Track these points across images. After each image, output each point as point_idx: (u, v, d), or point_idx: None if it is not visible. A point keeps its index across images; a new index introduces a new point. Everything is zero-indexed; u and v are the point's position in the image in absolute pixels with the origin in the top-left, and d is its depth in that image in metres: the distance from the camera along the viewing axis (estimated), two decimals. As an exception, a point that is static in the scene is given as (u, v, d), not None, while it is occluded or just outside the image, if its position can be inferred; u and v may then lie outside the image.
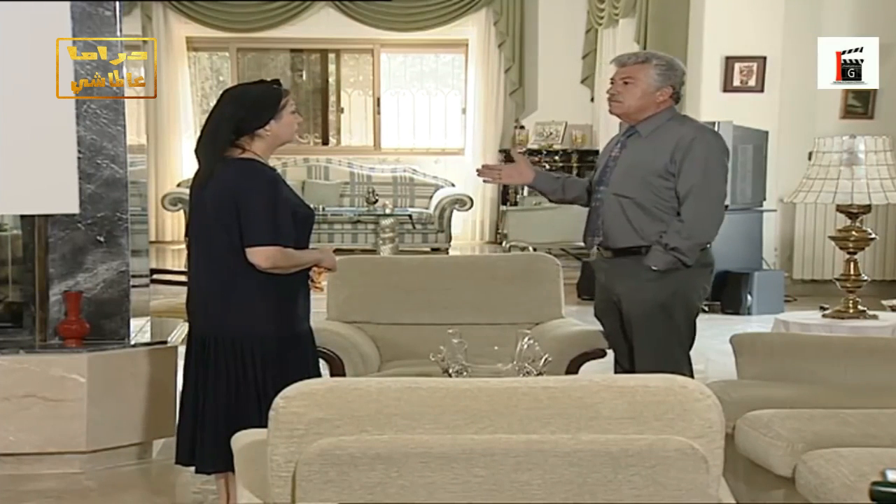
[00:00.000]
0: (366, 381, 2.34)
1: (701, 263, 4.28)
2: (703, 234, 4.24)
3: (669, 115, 4.32)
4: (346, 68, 14.53)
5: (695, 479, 2.15)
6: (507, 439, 2.16)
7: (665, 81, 4.31)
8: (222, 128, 3.68)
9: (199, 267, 3.78)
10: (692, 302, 4.31)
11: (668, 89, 4.31)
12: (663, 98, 4.31)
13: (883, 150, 5.61)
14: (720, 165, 4.26)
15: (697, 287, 4.31)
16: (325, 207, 12.86)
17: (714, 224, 4.26)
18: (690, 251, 4.22)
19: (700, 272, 4.30)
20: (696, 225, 4.22)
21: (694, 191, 4.20)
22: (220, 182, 3.63)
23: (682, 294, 4.27)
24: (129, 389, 4.78)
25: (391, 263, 5.14)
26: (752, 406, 3.73)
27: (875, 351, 4.40)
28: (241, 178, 3.61)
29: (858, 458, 3.07)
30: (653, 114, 4.31)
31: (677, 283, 4.25)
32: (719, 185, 4.26)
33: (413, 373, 4.11)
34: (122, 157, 4.87)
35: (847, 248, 5.85)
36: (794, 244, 10.05)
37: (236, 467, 2.60)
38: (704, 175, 4.20)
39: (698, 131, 4.29)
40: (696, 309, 4.35)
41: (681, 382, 2.27)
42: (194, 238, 3.80)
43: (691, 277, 4.26)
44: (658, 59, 4.37)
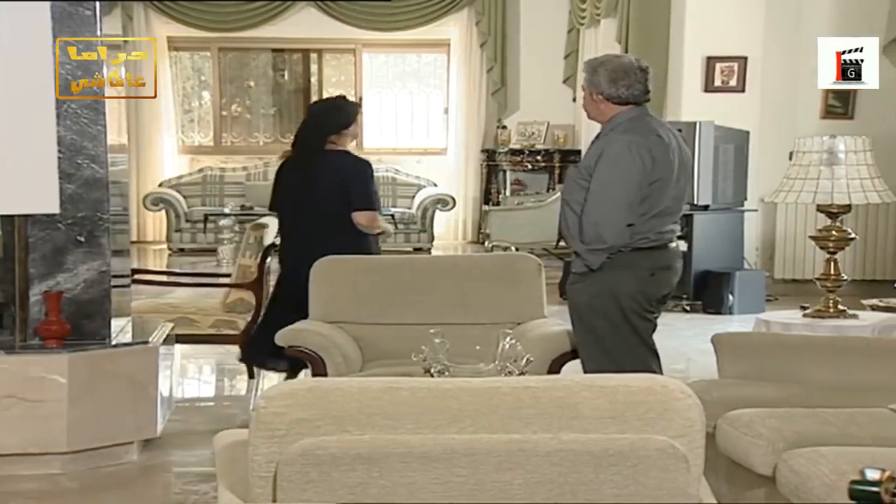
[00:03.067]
0: (347, 381, 2.34)
1: (621, 265, 4.24)
2: (596, 238, 4.21)
3: (622, 119, 4.29)
4: (329, 68, 14.52)
5: (675, 478, 2.16)
6: (488, 439, 2.16)
7: (592, 88, 4.34)
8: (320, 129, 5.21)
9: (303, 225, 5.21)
10: (623, 302, 4.26)
11: (598, 95, 4.32)
12: (603, 104, 4.32)
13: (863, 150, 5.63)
14: (624, 172, 4.19)
15: (624, 288, 4.25)
16: (307, 207, 12.85)
17: (609, 229, 4.19)
18: (588, 254, 4.24)
19: (624, 273, 4.25)
20: (589, 229, 4.23)
21: (590, 196, 4.22)
22: (332, 167, 5.16)
23: (609, 295, 4.26)
24: (109, 390, 4.76)
25: (373, 263, 5.12)
26: (734, 405, 3.74)
27: (855, 350, 4.42)
28: (351, 164, 5.23)
29: (838, 457, 3.09)
30: (608, 119, 4.34)
31: (601, 284, 4.26)
32: (618, 191, 4.20)
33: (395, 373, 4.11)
34: (103, 157, 4.85)
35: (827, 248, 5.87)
36: (775, 244, 10.09)
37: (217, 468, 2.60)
38: (603, 181, 4.20)
39: (619, 137, 4.26)
40: (631, 309, 4.28)
41: (662, 382, 2.28)
42: (295, 206, 5.23)
43: (615, 278, 4.24)
44: (587, 65, 4.44)
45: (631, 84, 4.29)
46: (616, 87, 4.28)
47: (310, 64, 14.48)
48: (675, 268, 4.41)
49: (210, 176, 13.54)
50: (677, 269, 4.43)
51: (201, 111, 14.51)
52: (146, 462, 4.86)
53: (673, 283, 4.42)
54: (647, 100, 4.36)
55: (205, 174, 13.57)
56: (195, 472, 4.70)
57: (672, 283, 4.42)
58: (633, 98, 4.30)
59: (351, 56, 14.20)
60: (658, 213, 4.26)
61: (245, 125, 14.59)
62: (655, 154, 4.22)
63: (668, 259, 4.36)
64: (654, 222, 4.26)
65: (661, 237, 4.30)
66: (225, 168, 13.76)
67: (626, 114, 4.30)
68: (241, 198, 13.15)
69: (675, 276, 4.43)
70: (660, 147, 4.25)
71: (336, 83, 14.48)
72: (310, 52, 14.39)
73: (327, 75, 14.49)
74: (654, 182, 4.22)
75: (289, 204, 5.33)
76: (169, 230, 12.96)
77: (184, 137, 14.30)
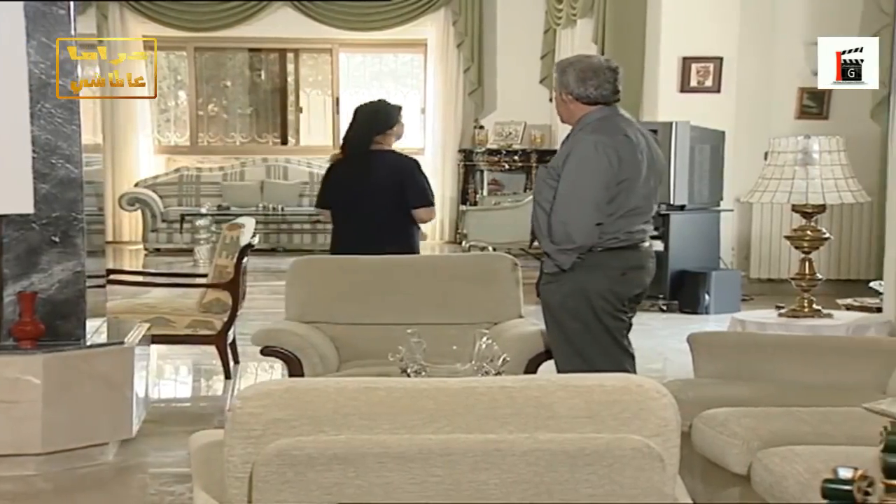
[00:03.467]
0: (323, 382, 2.33)
1: (591, 265, 4.25)
2: (565, 238, 4.22)
3: (591, 119, 4.30)
4: (305, 68, 14.49)
5: (651, 477, 2.16)
6: (464, 439, 2.16)
7: (562, 88, 4.36)
8: (367, 130, 5.49)
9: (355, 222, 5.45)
10: (594, 302, 4.27)
11: (567, 96, 4.34)
12: (573, 104, 4.34)
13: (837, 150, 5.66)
14: (592, 172, 4.19)
15: (595, 287, 4.26)
16: (284, 207, 12.83)
17: (578, 229, 4.20)
18: (558, 254, 4.25)
19: (594, 273, 4.26)
20: (558, 228, 4.24)
21: (558, 196, 4.23)
22: (381, 165, 5.43)
23: (580, 295, 4.26)
24: (85, 390, 4.74)
25: (350, 263, 5.11)
26: (709, 404, 3.76)
27: (829, 349, 4.45)
28: (400, 162, 5.53)
29: (813, 456, 3.11)
30: (577, 119, 4.35)
31: (573, 284, 4.27)
32: (585, 191, 4.20)
33: (371, 373, 4.11)
34: (78, 157, 4.82)
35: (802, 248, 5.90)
36: (750, 244, 10.13)
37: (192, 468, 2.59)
38: (571, 181, 4.21)
39: (587, 137, 4.27)
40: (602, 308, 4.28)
41: (637, 381, 2.29)
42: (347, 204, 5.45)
43: (585, 278, 4.25)
44: (558, 66, 4.47)
45: (600, 84, 4.29)
46: (585, 87, 4.29)
47: (286, 64, 14.45)
48: (648, 268, 4.41)
49: (186, 176, 13.50)
50: (650, 269, 4.43)
51: (177, 111, 14.46)
52: (121, 463, 4.84)
53: (645, 282, 4.42)
54: (616, 100, 4.36)
55: (181, 174, 13.53)
56: (171, 472, 4.68)
57: (644, 282, 4.41)
58: (603, 98, 4.31)
59: (328, 56, 14.18)
60: (626, 212, 4.25)
61: (222, 125, 14.55)
62: (622, 154, 4.22)
63: (640, 259, 4.36)
64: (623, 222, 4.26)
65: (631, 237, 4.30)
66: (201, 168, 13.73)
67: (595, 114, 4.30)
68: (217, 198, 13.12)
69: (648, 275, 4.42)
70: (627, 147, 4.24)
71: (313, 83, 14.46)
72: (286, 52, 14.37)
73: (304, 75, 14.46)
74: (622, 182, 4.22)
75: (341, 202, 5.54)
76: (145, 230, 12.91)
77: (160, 137, 14.25)
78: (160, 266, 11.43)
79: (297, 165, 13.65)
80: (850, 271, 10.06)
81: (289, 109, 14.48)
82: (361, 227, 5.43)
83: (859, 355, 4.35)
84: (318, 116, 14.42)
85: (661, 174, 4.49)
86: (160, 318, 6.26)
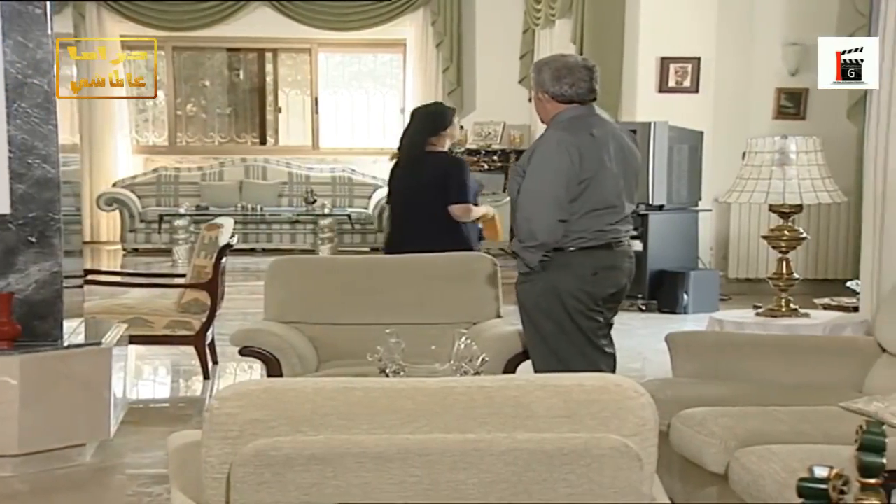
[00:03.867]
0: (301, 382, 2.33)
1: (562, 264, 4.26)
2: (529, 235, 4.23)
3: (564, 117, 4.32)
4: (284, 68, 14.47)
5: (629, 477, 2.17)
6: (442, 439, 2.16)
7: (538, 87, 4.38)
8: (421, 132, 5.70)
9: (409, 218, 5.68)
10: (566, 301, 4.27)
11: (543, 94, 4.36)
12: (549, 103, 4.36)
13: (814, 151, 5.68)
14: (551, 171, 4.20)
15: (566, 287, 4.26)
16: (263, 207, 12.80)
17: (540, 226, 4.21)
18: (524, 252, 4.27)
19: (565, 273, 4.26)
20: (522, 225, 4.26)
21: (522, 193, 4.26)
22: (433, 165, 5.61)
23: (553, 294, 4.27)
24: (62, 391, 4.72)
25: (329, 263, 5.13)
26: (687, 404, 3.77)
27: (806, 349, 4.47)
28: (448, 162, 5.74)
29: (789, 455, 3.12)
30: (551, 118, 4.37)
31: (545, 284, 4.27)
32: (545, 188, 4.21)
33: (350, 373, 4.11)
34: (55, 157, 4.80)
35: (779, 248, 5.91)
36: (729, 243, 10.17)
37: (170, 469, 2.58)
38: (533, 178, 4.23)
39: (552, 134, 4.31)
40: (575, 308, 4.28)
41: (615, 381, 2.29)
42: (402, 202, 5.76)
43: (557, 277, 4.26)
44: (534, 66, 4.51)
45: (575, 82, 4.30)
46: (560, 85, 4.30)
47: (265, 63, 14.42)
48: (622, 267, 4.38)
49: (165, 176, 13.45)
50: (624, 269, 4.39)
51: (156, 111, 14.41)
52: (99, 464, 4.82)
53: (620, 282, 4.39)
54: (592, 98, 4.37)
55: (159, 174, 13.48)
56: (149, 473, 4.67)
57: (618, 282, 4.39)
58: (578, 96, 4.32)
59: (306, 56, 14.16)
60: (591, 210, 4.25)
61: (200, 125, 14.51)
62: (584, 152, 4.22)
63: (613, 259, 4.34)
64: (588, 220, 4.25)
65: (601, 236, 4.28)
66: (180, 168, 13.68)
67: (569, 112, 4.32)
68: (196, 198, 13.07)
69: (622, 275, 4.39)
70: (590, 145, 4.24)
71: (292, 83, 14.43)
72: (265, 52, 14.34)
73: (283, 75, 14.44)
74: (584, 180, 4.21)
75: (397, 200, 5.85)
76: (123, 230, 12.86)
77: (138, 137, 14.20)
78: (138, 266, 11.39)
79: (275, 165, 13.63)
80: (828, 271, 10.12)
81: (267, 109, 14.45)
82: (414, 225, 5.62)
83: (836, 355, 4.37)
84: (297, 116, 14.39)
85: (635, 174, 4.48)
86: (138, 318, 6.24)
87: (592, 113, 4.38)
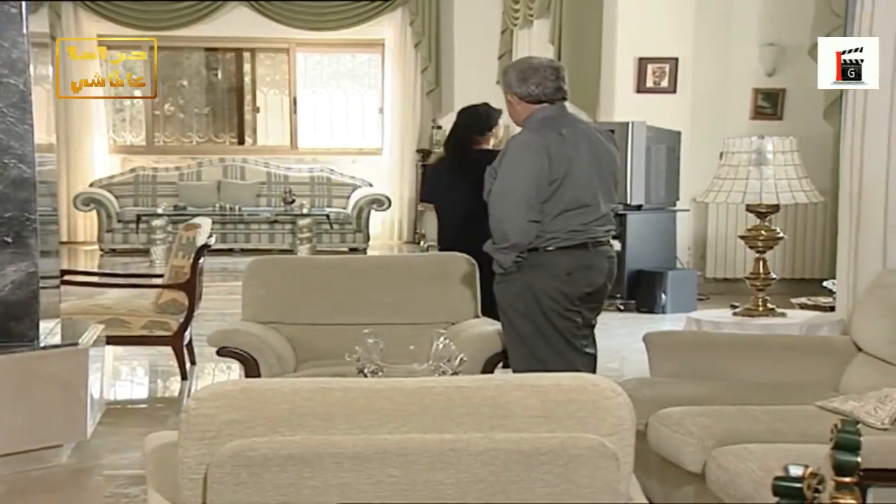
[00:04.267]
0: (278, 382, 2.33)
1: (537, 264, 4.28)
2: (500, 237, 4.27)
3: (535, 118, 4.36)
4: (262, 67, 14.43)
5: (606, 476, 2.17)
6: (420, 439, 2.16)
7: (506, 89, 4.46)
8: (468, 131, 5.87)
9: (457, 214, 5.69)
10: (542, 301, 4.29)
11: (512, 96, 4.41)
12: (520, 105, 4.41)
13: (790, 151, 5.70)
14: (521, 172, 4.23)
15: (541, 287, 4.28)
16: (241, 207, 12.77)
17: (511, 227, 4.23)
18: (496, 253, 4.30)
19: (540, 273, 4.28)
20: (495, 226, 4.28)
21: (493, 194, 4.30)
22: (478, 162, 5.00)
23: (529, 294, 4.29)
24: (38, 392, 4.69)
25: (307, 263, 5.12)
26: (665, 403, 3.78)
27: (783, 348, 4.49)
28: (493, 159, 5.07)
29: (766, 454, 3.13)
30: (523, 120, 4.42)
31: (521, 284, 4.30)
32: (515, 188, 4.23)
33: (328, 373, 4.10)
34: (31, 157, 4.77)
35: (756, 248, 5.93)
36: (706, 243, 10.20)
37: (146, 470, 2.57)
38: (503, 179, 4.26)
39: (521, 136, 4.36)
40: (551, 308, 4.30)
41: (592, 381, 2.30)
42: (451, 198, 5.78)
43: (532, 278, 4.28)
44: (503, 69, 4.71)
45: (540, 81, 4.32)
46: (526, 86, 4.33)
47: (243, 63, 14.39)
48: (598, 267, 4.38)
49: (142, 176, 13.40)
50: (602, 269, 4.39)
51: (133, 110, 14.35)
52: (76, 465, 4.80)
53: (596, 282, 4.38)
54: (560, 98, 4.39)
55: (137, 174, 13.42)
56: (126, 474, 4.65)
57: (594, 282, 4.38)
58: (546, 96, 4.34)
59: (284, 55, 14.13)
60: (563, 211, 4.26)
61: (178, 125, 14.46)
62: (553, 152, 4.24)
63: (588, 259, 4.34)
64: (562, 221, 4.26)
65: (575, 236, 4.29)
66: (158, 168, 13.62)
67: (540, 113, 4.35)
68: (174, 198, 13.03)
69: (599, 275, 4.39)
70: (559, 146, 4.26)
71: (270, 83, 14.40)
72: (243, 52, 14.30)
73: (261, 75, 14.40)
74: (555, 181, 4.24)
75: (443, 199, 5.99)
76: (100, 231, 12.80)
77: (115, 137, 14.13)
78: (116, 267, 11.34)
79: (254, 165, 13.59)
80: (804, 270, 10.16)
81: (246, 109, 14.41)
82: (461, 223, 5.65)
83: (812, 354, 4.39)
84: (276, 116, 14.36)
85: (611, 174, 4.48)
86: (115, 318, 6.21)
87: (564, 113, 4.41)
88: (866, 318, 4.24)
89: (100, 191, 12.97)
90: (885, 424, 3.52)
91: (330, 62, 14.50)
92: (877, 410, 3.57)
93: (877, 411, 3.57)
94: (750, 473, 3.10)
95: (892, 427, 3.52)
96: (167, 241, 11.66)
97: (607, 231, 4.44)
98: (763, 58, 10.26)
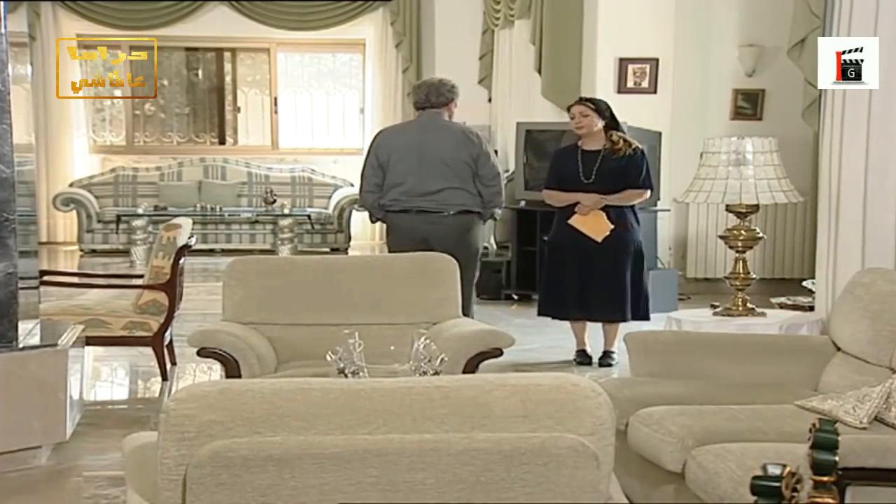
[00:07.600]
0: (258, 383, 2.32)
1: (388, 221, 6.53)
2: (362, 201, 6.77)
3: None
4: (243, 67, 14.40)
5: (586, 476, 2.18)
6: (400, 439, 2.16)
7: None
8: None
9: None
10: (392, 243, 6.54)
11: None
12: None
13: (770, 151, 5.73)
14: (370, 156, 6.44)
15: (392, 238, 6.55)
16: (222, 208, 12.74)
17: (362, 195, 6.60)
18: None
19: (391, 231, 6.62)
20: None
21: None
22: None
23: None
24: (17, 393, 4.67)
25: (288, 263, 5.10)
26: (645, 403, 3.79)
27: (762, 347, 4.51)
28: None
29: (745, 453, 3.15)
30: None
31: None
32: (366, 170, 6.45)
33: (309, 374, 4.09)
34: (9, 157, 4.74)
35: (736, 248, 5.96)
36: (687, 243, 10.23)
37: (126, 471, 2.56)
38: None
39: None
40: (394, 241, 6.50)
41: (572, 381, 2.30)
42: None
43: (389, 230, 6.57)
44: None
45: (418, 94, 6.34)
46: (415, 95, 6.39)
47: (224, 63, 14.35)
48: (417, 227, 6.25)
49: (122, 176, 13.35)
50: (420, 229, 6.23)
51: (113, 110, 14.30)
52: (55, 466, 4.78)
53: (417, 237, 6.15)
54: (428, 105, 6.23)
55: (117, 174, 13.37)
56: (105, 475, 4.63)
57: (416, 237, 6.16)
58: (418, 104, 6.32)
59: (265, 55, 14.11)
60: (391, 187, 6.24)
61: (158, 124, 14.41)
62: (386, 142, 6.30)
63: (409, 220, 6.27)
64: (392, 193, 6.25)
65: (397, 203, 6.24)
66: (138, 168, 13.57)
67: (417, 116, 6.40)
68: (154, 198, 12.99)
69: (418, 233, 6.21)
70: (393, 139, 6.36)
71: (251, 82, 14.37)
72: (223, 52, 14.27)
73: (242, 74, 14.37)
74: (381, 165, 6.24)
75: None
76: (80, 231, 12.75)
77: (95, 137, 14.07)
78: (96, 267, 11.29)
79: (234, 165, 13.56)
80: (784, 270, 10.21)
81: (226, 109, 14.38)
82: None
83: (792, 353, 4.41)
84: (256, 116, 14.33)
85: (450, 163, 6.15)
86: (95, 319, 6.19)
87: (425, 116, 6.26)
88: (845, 318, 4.26)
89: (80, 191, 12.92)
90: (864, 423, 3.54)
91: (311, 62, 14.48)
92: (855, 409, 3.59)
93: (855, 410, 3.59)
94: (729, 473, 3.11)
95: (870, 426, 3.54)
96: (147, 241, 11.62)
97: (429, 201, 6.18)
98: (743, 58, 10.29)
